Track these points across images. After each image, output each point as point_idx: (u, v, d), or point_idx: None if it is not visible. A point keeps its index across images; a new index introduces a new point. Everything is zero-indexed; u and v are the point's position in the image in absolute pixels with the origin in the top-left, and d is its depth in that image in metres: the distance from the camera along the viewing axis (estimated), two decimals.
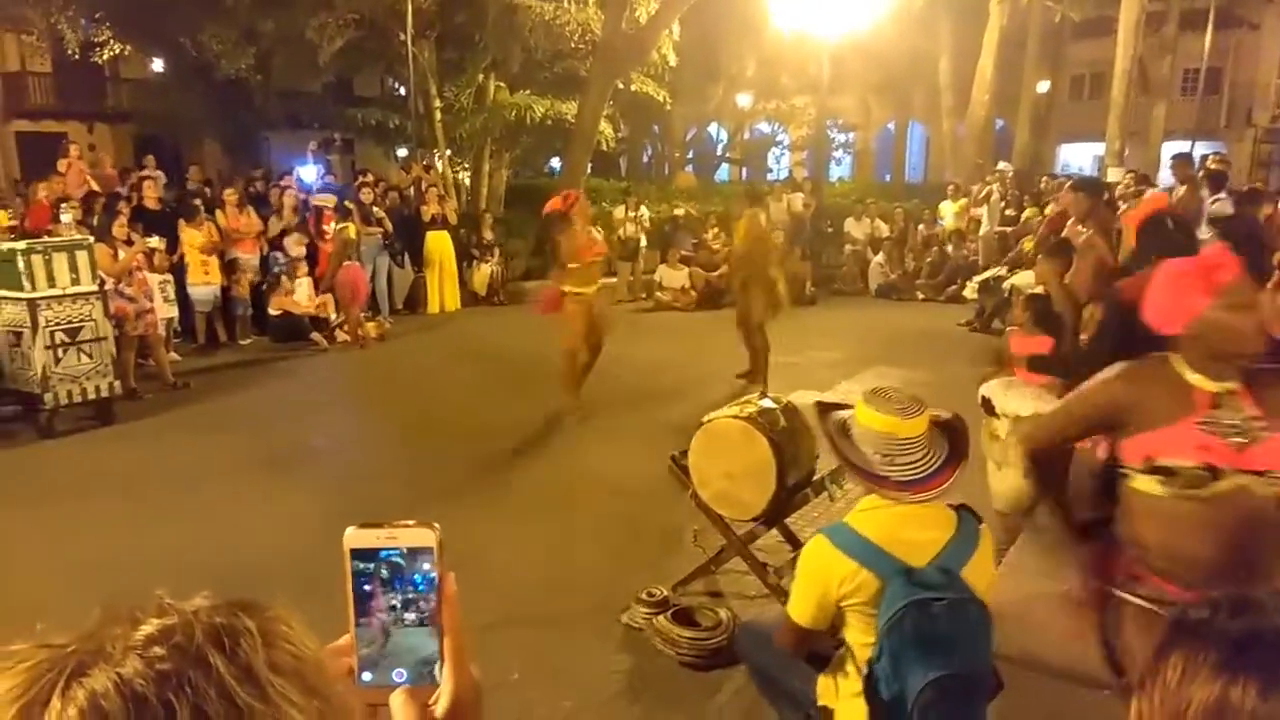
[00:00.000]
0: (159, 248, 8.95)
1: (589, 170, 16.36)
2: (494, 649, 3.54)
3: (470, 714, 0.74)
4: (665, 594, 3.95)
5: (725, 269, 13.20)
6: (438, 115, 15.51)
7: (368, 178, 12.79)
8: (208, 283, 9.80)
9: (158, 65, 19.98)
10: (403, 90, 16.83)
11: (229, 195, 10.49)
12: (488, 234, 13.44)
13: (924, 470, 2.26)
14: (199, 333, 10.04)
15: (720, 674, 3.52)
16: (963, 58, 19.96)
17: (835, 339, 9.97)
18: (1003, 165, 15.64)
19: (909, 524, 2.24)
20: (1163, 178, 13.86)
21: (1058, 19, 19.88)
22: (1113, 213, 7.56)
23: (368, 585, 0.74)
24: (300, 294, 10.38)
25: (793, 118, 23.53)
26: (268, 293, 10.40)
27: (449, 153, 15.76)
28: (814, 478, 4.08)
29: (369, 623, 0.75)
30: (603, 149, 16.66)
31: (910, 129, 30.43)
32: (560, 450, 6.48)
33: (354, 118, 17.23)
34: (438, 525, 0.75)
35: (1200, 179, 9.20)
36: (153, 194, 10.17)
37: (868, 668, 2.17)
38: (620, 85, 15.79)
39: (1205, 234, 7.98)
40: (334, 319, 10.53)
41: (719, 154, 26.67)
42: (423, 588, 0.75)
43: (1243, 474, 2.03)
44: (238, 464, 6.17)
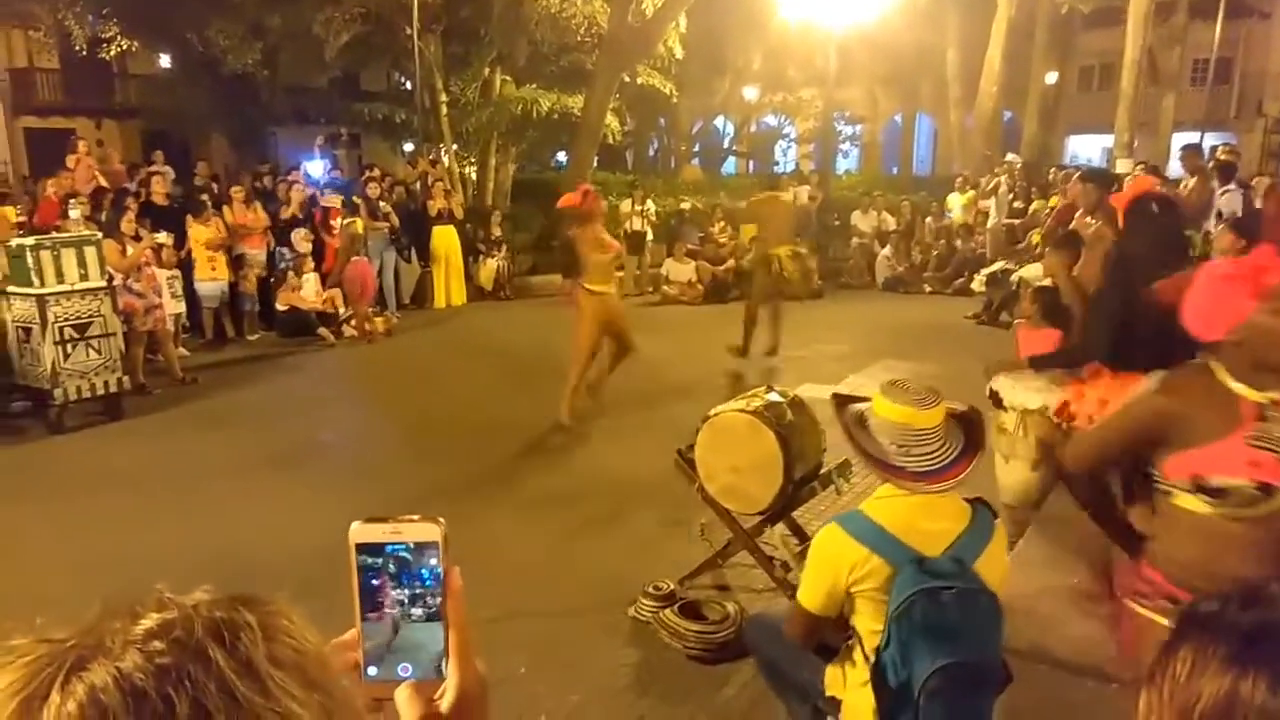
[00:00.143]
0: (167, 243, 9.00)
1: (595, 164, 16.34)
2: (501, 642, 3.55)
3: (476, 708, 0.74)
4: (672, 587, 3.95)
5: (732, 262, 13.21)
6: (444, 109, 15.50)
7: (374, 173, 12.82)
8: (214, 278, 9.83)
9: (165, 61, 20.02)
10: (409, 85, 16.82)
11: (236, 192, 10.52)
12: (496, 230, 13.43)
13: (940, 461, 2.26)
14: (207, 328, 10.08)
15: (728, 667, 3.52)
16: (970, 49, 19.84)
17: (842, 332, 9.95)
18: (1011, 157, 15.55)
19: (923, 514, 2.25)
20: (1172, 169, 13.80)
21: (1066, 9, 19.73)
22: None
23: (373, 580, 0.74)
24: (307, 289, 10.40)
25: (799, 110, 23.47)
26: (275, 288, 10.43)
27: (455, 147, 15.75)
28: (821, 471, 4.07)
29: (374, 617, 0.74)
30: (609, 142, 16.64)
31: (918, 121, 30.27)
32: (567, 444, 6.48)
33: (360, 112, 17.26)
34: (442, 520, 0.75)
35: (1210, 170, 9.16)
36: (160, 190, 10.20)
37: (875, 655, 2.17)
38: (626, 78, 15.76)
39: (1214, 225, 7.94)
40: (342, 313, 10.55)
41: (726, 147, 26.62)
42: (428, 582, 0.75)
43: None
44: (245, 459, 6.20)
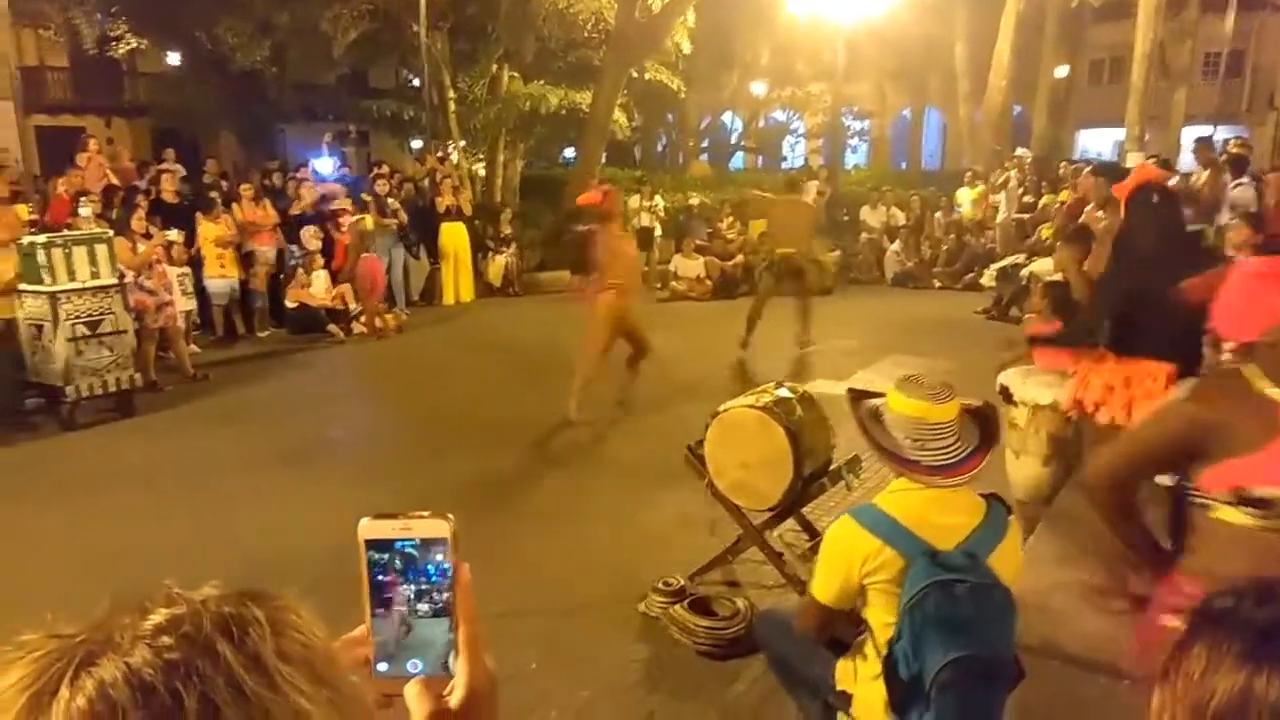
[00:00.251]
0: (177, 241, 9.04)
1: (603, 160, 16.33)
2: (512, 638, 3.56)
3: (485, 704, 0.74)
4: (682, 583, 3.94)
5: (741, 257, 13.18)
6: (451, 106, 15.52)
7: (383, 169, 12.84)
8: (224, 275, 9.87)
9: (174, 59, 20.09)
10: (417, 82, 16.84)
11: (245, 189, 10.55)
12: (506, 229, 13.43)
13: (955, 456, 2.25)
14: (217, 325, 10.12)
15: (738, 663, 3.52)
16: (979, 43, 19.74)
17: (852, 328, 9.92)
18: (1021, 151, 15.47)
19: (937, 508, 2.25)
20: (1183, 162, 13.70)
21: (1075, 3, 19.60)
22: None
23: (383, 576, 0.74)
24: (317, 286, 10.43)
25: (808, 105, 23.39)
26: (284, 285, 10.47)
27: (463, 144, 15.76)
28: (830, 467, 4.07)
29: (384, 613, 0.74)
30: (617, 138, 16.63)
31: (926, 115, 30.14)
32: (576, 440, 6.49)
33: (369, 109, 17.29)
34: (451, 516, 0.75)
35: (1222, 163, 9.10)
36: (170, 187, 10.24)
37: (887, 648, 2.17)
38: (634, 74, 15.75)
39: (1227, 218, 7.89)
40: (352, 310, 10.58)
41: (734, 143, 26.56)
42: (436, 578, 0.74)
43: None
44: (256, 456, 6.22)
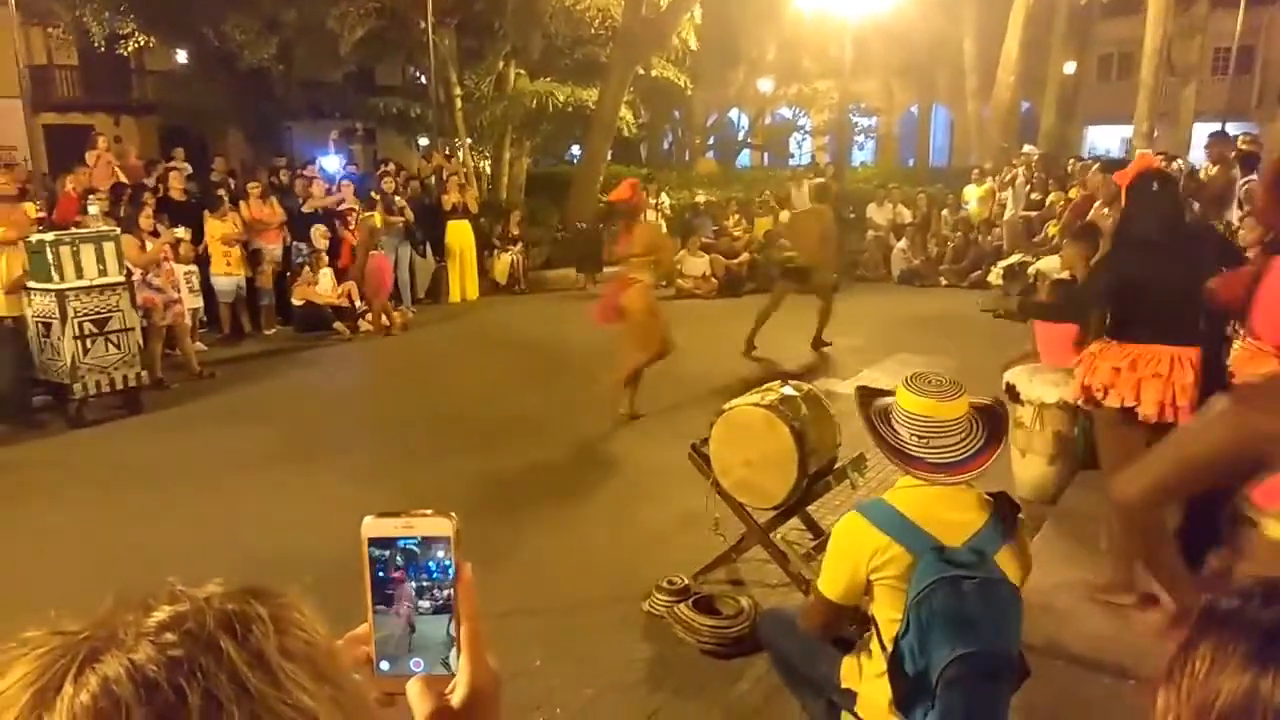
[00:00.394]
0: (185, 238, 9.06)
1: (609, 157, 16.33)
2: (515, 636, 3.57)
3: (487, 703, 0.74)
4: (686, 582, 3.94)
5: (746, 256, 13.17)
6: (458, 104, 15.53)
7: (389, 167, 12.86)
8: (229, 273, 9.88)
9: (182, 57, 20.13)
10: (423, 79, 16.86)
11: (253, 187, 10.57)
12: (515, 230, 13.43)
13: (960, 454, 2.25)
14: (223, 323, 10.15)
15: (742, 662, 3.52)
16: (987, 39, 19.68)
17: (858, 325, 9.90)
18: (1028, 148, 15.41)
19: (946, 504, 2.25)
20: (1194, 159, 13.62)
21: None
22: None
23: (384, 573, 0.74)
24: (323, 284, 10.45)
25: (814, 102, 23.36)
26: (291, 283, 10.49)
27: (469, 141, 15.77)
28: (835, 466, 4.06)
29: (387, 611, 0.75)
30: (623, 135, 16.63)
31: (934, 112, 30.06)
32: (581, 438, 6.49)
33: (375, 107, 17.31)
34: (454, 514, 0.75)
35: (1232, 160, 9.06)
36: (178, 185, 10.26)
37: (894, 644, 2.17)
38: (641, 71, 15.73)
39: (1237, 215, 7.86)
40: (360, 306, 10.60)
41: (740, 140, 26.54)
42: (438, 575, 0.75)
43: None
44: (262, 454, 6.24)
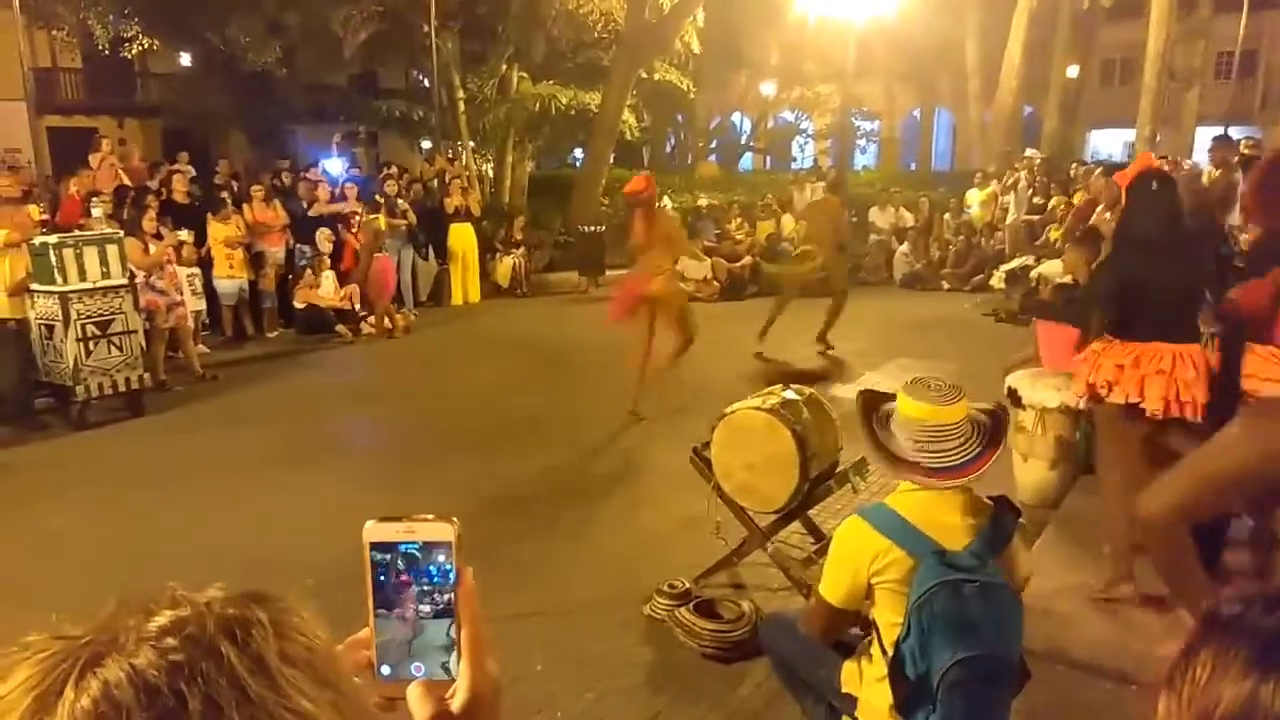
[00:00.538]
0: (188, 241, 9.07)
1: (612, 160, 16.34)
2: (516, 640, 3.56)
3: (488, 708, 0.74)
4: (687, 586, 3.94)
5: (748, 260, 13.16)
6: (461, 107, 15.55)
7: (392, 170, 12.87)
8: (232, 276, 9.89)
9: (186, 60, 20.19)
10: (426, 82, 16.89)
11: (256, 190, 10.59)
12: (517, 233, 13.43)
13: (958, 458, 2.25)
14: (226, 325, 10.16)
15: (742, 666, 3.52)
16: (990, 43, 19.68)
17: (860, 329, 9.89)
18: (1030, 152, 15.42)
19: (946, 508, 2.25)
20: (1197, 163, 13.61)
21: (1087, 2, 19.54)
22: None
23: (385, 577, 0.74)
24: (325, 287, 10.46)
25: (817, 106, 23.35)
26: (293, 286, 10.50)
27: (472, 144, 15.79)
28: (837, 470, 4.06)
29: (388, 616, 0.75)
30: (626, 139, 16.62)
31: (936, 116, 30.06)
32: (583, 442, 6.49)
33: (378, 110, 17.34)
34: (456, 519, 0.75)
35: (1235, 164, 9.08)
36: (181, 188, 10.28)
37: (895, 647, 2.17)
38: (643, 74, 15.75)
39: (1238, 220, 7.86)
40: (360, 310, 10.60)
41: (743, 143, 26.54)
42: (439, 579, 0.75)
43: None
44: (265, 456, 6.25)
